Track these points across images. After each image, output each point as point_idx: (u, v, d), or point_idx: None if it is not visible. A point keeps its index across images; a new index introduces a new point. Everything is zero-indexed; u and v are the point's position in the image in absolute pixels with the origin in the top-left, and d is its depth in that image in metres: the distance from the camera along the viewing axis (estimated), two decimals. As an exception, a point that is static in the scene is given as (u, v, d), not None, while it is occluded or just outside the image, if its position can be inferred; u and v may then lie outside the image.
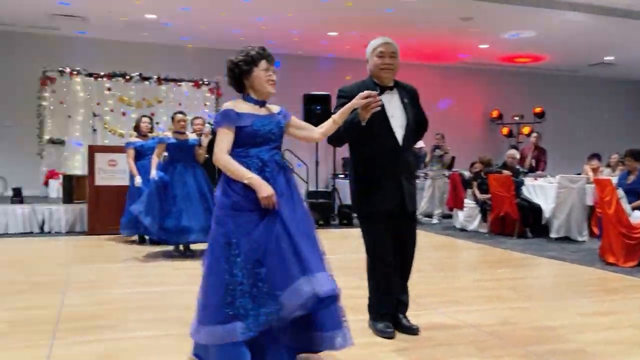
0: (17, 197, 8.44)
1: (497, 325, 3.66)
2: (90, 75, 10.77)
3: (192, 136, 6.28)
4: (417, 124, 3.40)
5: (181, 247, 6.35)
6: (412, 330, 3.38)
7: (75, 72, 10.67)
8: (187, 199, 5.98)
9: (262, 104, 2.85)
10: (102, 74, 10.83)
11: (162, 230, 5.90)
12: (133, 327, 3.60)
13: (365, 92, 2.90)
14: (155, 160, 6.14)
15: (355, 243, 3.14)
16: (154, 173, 6.01)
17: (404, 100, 3.30)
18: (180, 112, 6.30)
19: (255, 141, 2.74)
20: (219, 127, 2.74)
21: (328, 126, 2.95)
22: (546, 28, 9.93)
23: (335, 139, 3.17)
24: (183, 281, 5.00)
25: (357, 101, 2.91)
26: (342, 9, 8.96)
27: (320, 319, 2.63)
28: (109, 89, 10.91)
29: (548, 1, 8.89)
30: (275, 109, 2.92)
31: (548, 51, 12.07)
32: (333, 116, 2.94)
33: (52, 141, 10.46)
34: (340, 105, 3.09)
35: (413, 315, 3.53)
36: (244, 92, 2.85)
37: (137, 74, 11.05)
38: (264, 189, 2.60)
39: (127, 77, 11.00)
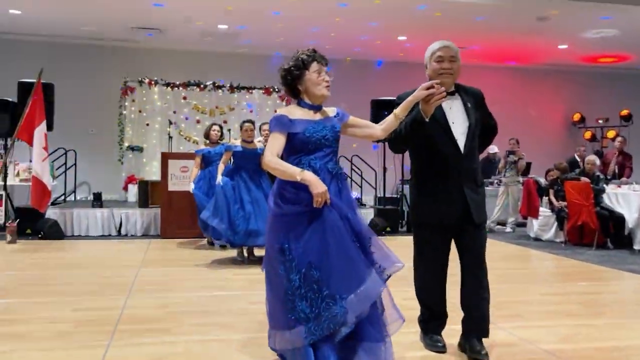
0: (97, 201, 8.92)
1: (557, 343, 3.45)
2: (167, 84, 11.26)
3: (259, 145, 6.30)
4: (484, 129, 3.23)
5: (245, 252, 6.44)
6: (478, 355, 3.07)
7: (153, 82, 11.18)
8: (255, 203, 6.05)
9: (317, 108, 2.83)
10: (178, 83, 11.29)
11: (230, 230, 5.98)
12: (188, 330, 3.68)
13: (428, 83, 2.80)
14: (221, 166, 6.28)
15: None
16: (219, 179, 6.17)
17: (467, 104, 3.12)
18: (249, 121, 6.35)
19: (308, 148, 2.72)
20: (272, 132, 2.75)
21: (390, 121, 2.88)
22: (630, 26, 9.31)
23: (396, 141, 3.09)
24: (242, 286, 5.09)
25: (419, 92, 2.80)
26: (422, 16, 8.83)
27: (364, 329, 2.61)
28: (184, 98, 11.34)
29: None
30: (331, 111, 2.89)
31: (633, 50, 11.30)
32: (395, 110, 2.86)
33: (131, 148, 11.02)
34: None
35: (467, 330, 3.39)
36: (299, 98, 2.84)
37: (211, 82, 11.43)
38: (317, 185, 2.56)
39: (202, 85, 11.40)
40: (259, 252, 6.40)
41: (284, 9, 8.80)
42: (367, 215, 9.21)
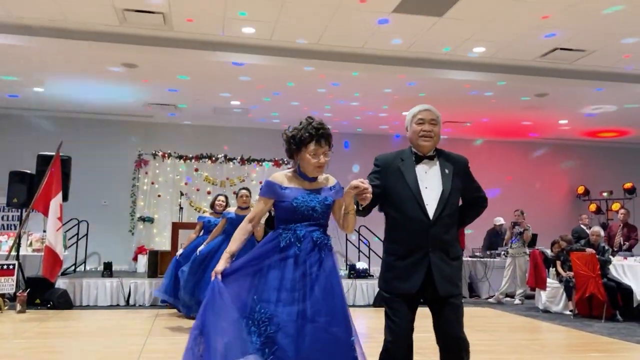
0: (107, 270, 9.01)
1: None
2: (180, 157, 11.63)
3: None
4: (469, 201, 3.10)
5: None
6: None
7: (167, 155, 11.55)
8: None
9: (311, 180, 2.85)
10: (190, 155, 11.65)
11: (196, 304, 5.90)
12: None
13: (353, 182, 2.74)
14: (213, 234, 6.37)
15: (426, 321, 2.94)
16: (201, 247, 6.30)
17: (445, 170, 2.99)
18: (244, 188, 6.45)
19: (295, 217, 2.76)
20: (260, 196, 2.84)
21: (342, 216, 2.89)
22: (627, 102, 9.64)
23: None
24: None
25: (347, 189, 2.77)
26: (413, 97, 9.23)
27: None
28: (196, 170, 11.67)
29: (623, 75, 8.71)
30: (330, 181, 2.91)
31: (633, 125, 11.62)
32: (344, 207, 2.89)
33: (142, 219, 11.23)
34: (372, 173, 3.05)
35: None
36: (297, 164, 2.87)
37: (222, 155, 11.78)
38: (215, 269, 2.76)
39: (214, 158, 11.75)
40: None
41: (284, 92, 9.24)
42: (374, 286, 9.21)
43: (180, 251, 7.23)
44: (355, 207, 2.87)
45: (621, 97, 9.34)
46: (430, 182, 2.97)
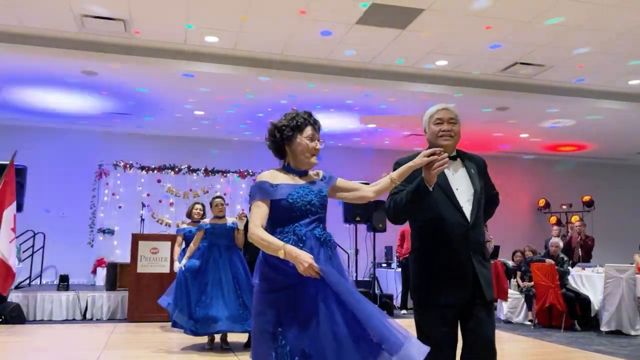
0: (63, 283, 8.73)
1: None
2: (142, 168, 11.42)
3: (230, 220, 6.11)
4: (487, 199, 2.95)
5: (217, 339, 6.13)
6: None
7: (128, 166, 11.33)
8: (219, 285, 5.75)
9: (302, 174, 2.64)
10: (153, 166, 11.46)
11: (191, 320, 5.72)
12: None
13: (430, 150, 2.57)
14: (191, 247, 6.06)
15: None
16: (183, 262, 5.99)
17: (471, 170, 2.86)
18: (218, 197, 6.25)
19: (292, 215, 2.52)
20: (253, 199, 2.56)
21: (383, 184, 2.68)
22: (584, 117, 9.90)
23: (396, 211, 2.75)
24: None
25: (419, 159, 2.56)
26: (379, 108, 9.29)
27: None
28: (158, 181, 11.47)
29: (581, 91, 8.95)
30: (317, 175, 2.72)
31: (591, 139, 11.93)
32: (391, 174, 2.68)
33: (102, 231, 10.95)
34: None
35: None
36: (284, 160, 2.67)
37: (186, 166, 11.62)
38: (301, 259, 2.33)
39: (177, 169, 11.58)
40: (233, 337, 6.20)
41: (245, 103, 9.18)
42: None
43: (177, 265, 6.43)
44: (413, 192, 2.61)
45: (579, 111, 9.58)
46: (460, 184, 2.82)
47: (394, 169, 2.80)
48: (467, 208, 2.74)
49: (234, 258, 5.96)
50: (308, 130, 2.60)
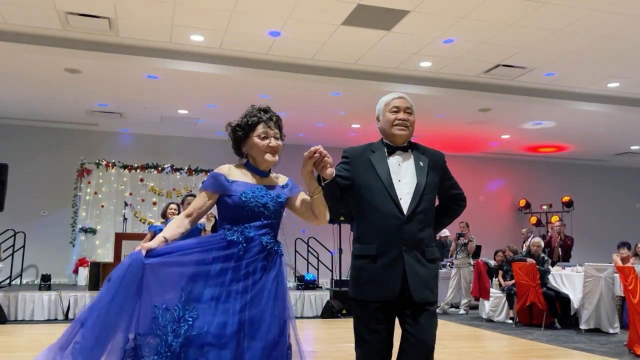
0: (45, 282, 8.64)
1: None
2: (125, 167, 11.33)
3: (202, 221, 5.81)
4: (447, 198, 2.81)
5: None
6: None
7: (111, 164, 11.23)
8: None
9: (262, 174, 2.54)
10: (136, 165, 11.38)
11: None
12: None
13: (307, 152, 2.42)
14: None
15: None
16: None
17: (420, 163, 2.70)
18: (191, 195, 6.13)
19: (242, 214, 2.40)
20: (203, 189, 2.47)
21: (309, 202, 2.53)
22: (565, 118, 10.07)
23: (332, 213, 2.62)
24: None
25: (303, 163, 2.43)
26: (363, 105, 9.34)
27: None
28: (141, 180, 11.40)
29: (562, 93, 9.12)
30: (281, 180, 2.60)
31: (571, 141, 12.15)
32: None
33: (84, 230, 10.85)
34: (340, 164, 2.72)
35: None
36: (245, 159, 2.58)
37: (169, 165, 11.57)
38: (147, 244, 2.33)
39: (160, 168, 11.52)
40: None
41: (230, 102, 9.17)
42: (323, 297, 9.20)
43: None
44: (318, 186, 2.50)
45: (559, 113, 9.74)
46: (403, 175, 2.67)
47: (342, 157, 2.74)
48: (405, 200, 2.60)
49: None
50: (260, 128, 2.49)
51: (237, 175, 2.49)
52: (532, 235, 10.60)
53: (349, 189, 2.67)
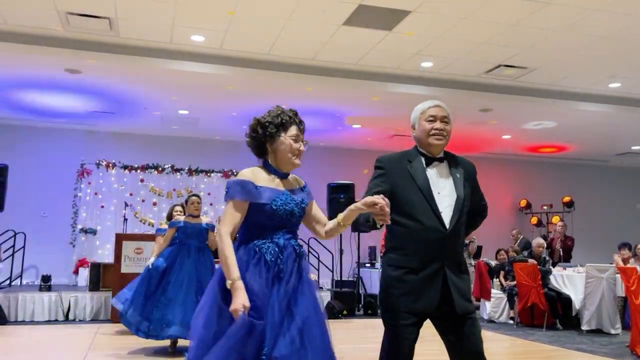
0: (45, 283, 8.62)
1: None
2: (125, 167, 11.31)
3: (205, 220, 5.90)
4: (474, 210, 2.78)
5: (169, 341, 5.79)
6: None
7: (111, 165, 11.22)
8: (181, 287, 5.43)
9: (282, 176, 2.48)
10: (136, 166, 11.36)
11: (145, 321, 5.38)
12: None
13: (370, 199, 2.31)
14: (162, 245, 5.79)
15: (380, 334, 2.68)
16: (151, 260, 5.72)
17: (456, 175, 2.69)
18: (194, 195, 6.00)
19: (271, 223, 2.36)
20: (232, 198, 2.33)
21: (332, 226, 2.51)
22: (566, 119, 10.06)
23: (358, 230, 2.73)
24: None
25: (361, 206, 2.34)
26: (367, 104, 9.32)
27: None
28: (141, 180, 11.38)
29: (563, 93, 9.10)
30: (299, 182, 2.57)
31: (571, 141, 12.13)
32: (339, 217, 2.46)
33: (84, 230, 10.84)
34: (376, 177, 2.66)
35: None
36: (264, 158, 2.51)
37: (169, 165, 11.55)
38: (238, 302, 2.18)
39: (160, 168, 11.50)
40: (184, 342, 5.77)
41: (231, 102, 9.16)
42: (324, 298, 9.18)
43: (152, 259, 6.05)
44: (368, 222, 2.49)
45: (560, 113, 9.73)
46: (442, 187, 2.64)
47: (375, 167, 2.69)
48: (446, 214, 2.58)
49: (203, 260, 5.69)
50: (293, 130, 2.46)
51: (261, 179, 2.42)
52: (521, 237, 10.61)
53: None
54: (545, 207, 13.76)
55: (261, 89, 8.57)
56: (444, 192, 2.62)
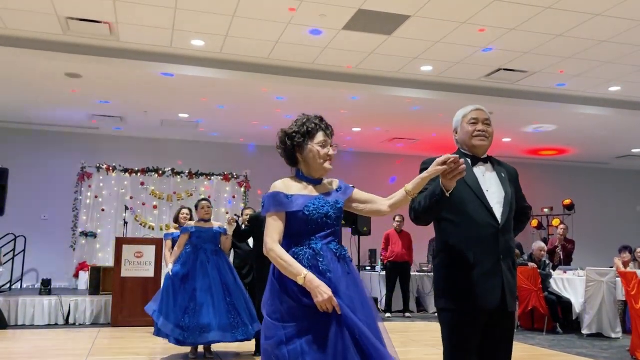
0: (46, 287, 8.62)
1: None
2: (125, 170, 11.32)
3: (217, 224, 5.92)
4: (518, 212, 2.80)
5: (201, 348, 5.86)
6: None
7: (111, 168, 11.22)
8: (208, 292, 5.44)
9: (316, 182, 2.52)
10: (136, 169, 11.36)
11: (178, 328, 5.37)
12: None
13: (443, 157, 2.36)
14: (176, 251, 5.80)
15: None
16: (170, 267, 5.73)
17: (501, 174, 2.76)
18: (205, 199, 6.01)
19: (308, 228, 2.39)
20: (268, 212, 2.42)
21: (399, 197, 2.49)
22: (566, 122, 10.06)
23: (417, 215, 2.61)
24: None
25: (434, 168, 2.37)
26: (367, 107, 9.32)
27: None
28: (142, 184, 11.38)
29: (563, 96, 9.10)
30: (332, 184, 2.59)
31: (571, 144, 12.13)
32: (406, 185, 2.47)
33: (84, 234, 10.84)
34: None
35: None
36: (297, 167, 2.54)
37: (170, 168, 11.55)
38: (322, 289, 2.22)
39: (160, 172, 11.50)
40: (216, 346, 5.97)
41: (232, 105, 9.16)
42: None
43: (171, 267, 6.07)
44: (430, 197, 2.48)
45: (560, 117, 9.73)
46: (489, 185, 2.70)
47: (421, 170, 2.62)
48: (497, 210, 2.63)
49: (222, 263, 5.72)
50: (320, 136, 2.49)
51: (293, 188, 2.46)
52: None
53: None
54: (545, 210, 13.74)
55: (260, 91, 8.57)
56: (492, 190, 2.68)
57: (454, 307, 2.58)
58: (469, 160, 2.73)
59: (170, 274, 5.65)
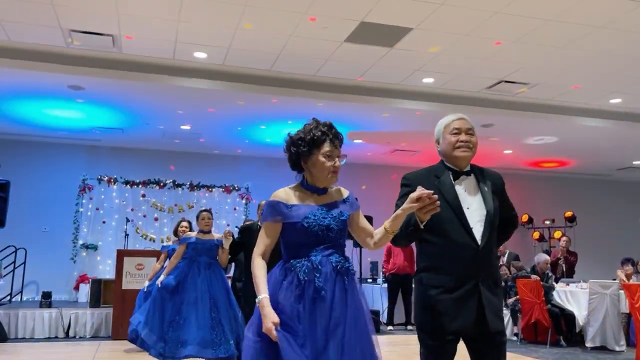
0: (46, 299, 8.57)
1: None
2: (126, 182, 11.31)
3: (217, 236, 5.75)
4: (504, 221, 2.75)
5: None
6: None
7: (112, 180, 11.21)
8: (194, 306, 5.35)
9: (321, 192, 2.44)
10: (137, 181, 11.35)
11: (161, 342, 5.27)
12: None
13: (416, 193, 2.29)
14: (173, 261, 5.70)
15: (384, 349, 2.68)
16: (161, 278, 5.64)
17: (484, 188, 2.65)
18: (206, 210, 5.93)
19: (307, 240, 2.32)
20: (265, 220, 2.37)
21: (381, 236, 2.44)
22: (567, 134, 10.07)
23: (396, 240, 2.56)
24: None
25: (408, 205, 2.29)
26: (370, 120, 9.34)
27: None
28: (143, 195, 11.36)
29: (564, 108, 9.12)
30: (343, 194, 2.50)
31: (573, 156, 12.13)
32: (385, 223, 2.41)
33: (85, 246, 10.81)
34: (403, 196, 2.52)
35: None
36: (302, 175, 2.46)
37: (171, 180, 11.54)
38: (266, 320, 2.19)
39: (161, 184, 11.49)
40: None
41: (233, 117, 9.18)
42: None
43: (146, 283, 6.38)
44: (405, 228, 2.43)
45: (562, 128, 9.74)
46: (471, 202, 2.61)
47: (402, 185, 2.63)
48: (477, 229, 2.55)
49: (214, 276, 5.58)
50: (326, 146, 2.37)
51: (294, 198, 2.39)
52: (507, 252, 10.57)
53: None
54: (547, 222, 13.72)
55: (263, 103, 8.59)
56: (473, 207, 2.60)
57: (429, 328, 2.57)
58: (451, 175, 2.67)
59: (159, 285, 5.55)
